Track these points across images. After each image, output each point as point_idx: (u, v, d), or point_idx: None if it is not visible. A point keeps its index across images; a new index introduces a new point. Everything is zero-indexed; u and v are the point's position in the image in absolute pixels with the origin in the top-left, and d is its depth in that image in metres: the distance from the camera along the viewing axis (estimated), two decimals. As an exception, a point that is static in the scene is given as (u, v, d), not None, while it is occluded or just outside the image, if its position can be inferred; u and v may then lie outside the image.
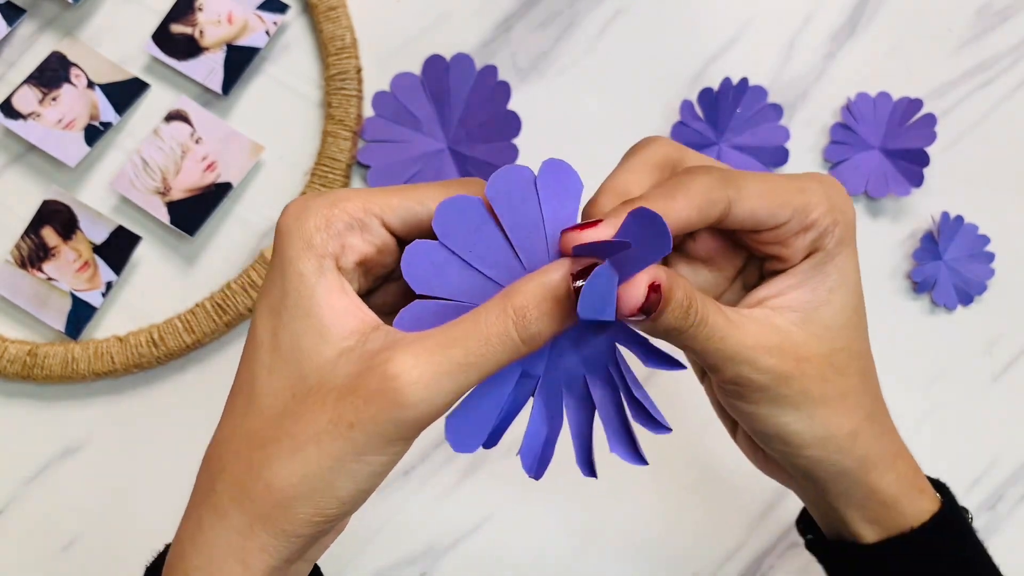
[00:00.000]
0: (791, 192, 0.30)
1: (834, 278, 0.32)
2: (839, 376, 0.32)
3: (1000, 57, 0.58)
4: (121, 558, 0.53)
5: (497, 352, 0.27)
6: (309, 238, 0.28)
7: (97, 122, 0.53)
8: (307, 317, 0.27)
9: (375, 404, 0.26)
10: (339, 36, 0.54)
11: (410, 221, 0.29)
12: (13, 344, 0.52)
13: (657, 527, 0.54)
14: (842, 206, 0.31)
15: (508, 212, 0.28)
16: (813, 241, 0.31)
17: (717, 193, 0.29)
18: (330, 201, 0.28)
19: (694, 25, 0.57)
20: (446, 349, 0.26)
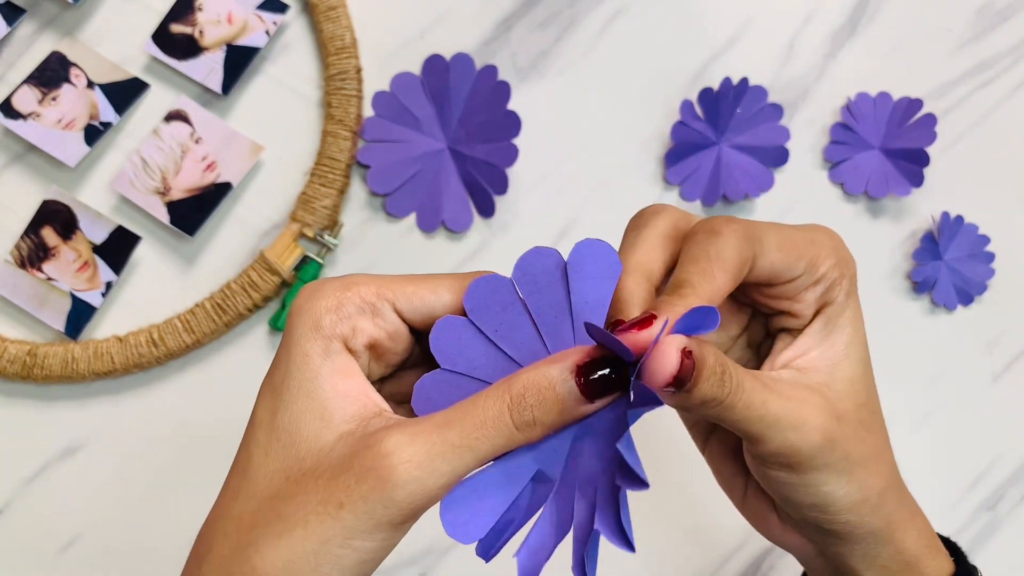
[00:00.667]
0: (804, 244, 0.30)
1: (848, 332, 0.31)
2: (868, 434, 0.31)
3: (1000, 57, 0.58)
4: (121, 558, 0.53)
5: (492, 436, 0.26)
6: (318, 319, 0.27)
7: (97, 122, 0.53)
8: (308, 398, 0.27)
9: (366, 482, 0.25)
10: (339, 36, 0.54)
11: (422, 310, 0.29)
12: (13, 344, 0.52)
13: (657, 527, 0.54)
14: (847, 258, 0.31)
15: (534, 294, 0.28)
16: (822, 295, 0.31)
17: (746, 253, 0.29)
18: (345, 284, 0.28)
19: (694, 25, 0.57)
20: (442, 430, 0.26)
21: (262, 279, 0.52)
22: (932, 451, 0.56)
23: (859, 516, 0.31)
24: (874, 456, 0.31)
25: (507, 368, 0.28)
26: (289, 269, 0.53)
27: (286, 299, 0.53)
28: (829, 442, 0.29)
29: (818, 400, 0.30)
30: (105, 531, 0.53)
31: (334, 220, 0.54)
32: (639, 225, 0.31)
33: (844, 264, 0.31)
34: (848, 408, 0.31)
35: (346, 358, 0.28)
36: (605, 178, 0.56)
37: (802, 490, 0.31)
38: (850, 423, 0.31)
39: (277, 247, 0.53)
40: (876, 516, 0.32)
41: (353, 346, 0.28)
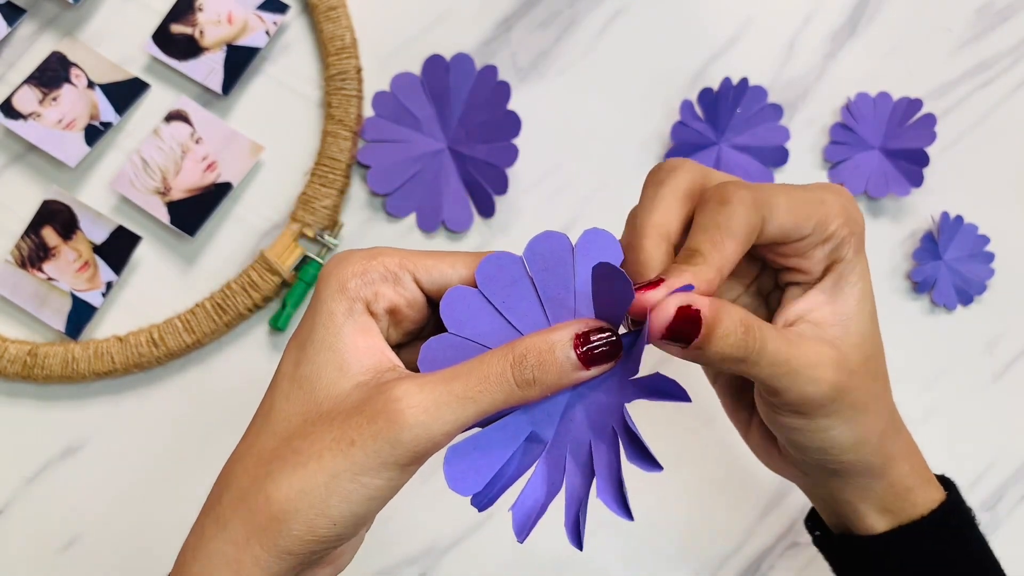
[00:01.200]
0: (812, 204, 0.32)
1: (859, 288, 0.33)
2: (874, 381, 0.33)
3: (1000, 57, 0.58)
4: (121, 558, 0.53)
5: (493, 390, 0.28)
6: (344, 282, 0.30)
7: (97, 122, 0.53)
8: (330, 351, 0.29)
9: (376, 423, 0.27)
10: (339, 36, 0.54)
11: (440, 281, 0.31)
12: (13, 344, 0.52)
13: (657, 527, 0.54)
14: (855, 216, 0.33)
15: (541, 272, 0.30)
16: (831, 252, 0.32)
17: (755, 220, 0.31)
18: (371, 254, 0.31)
19: (694, 25, 0.57)
20: (448, 381, 0.28)
21: (262, 279, 0.52)
22: (932, 451, 0.56)
23: (859, 455, 0.34)
24: (875, 400, 0.33)
25: (510, 337, 0.30)
26: (289, 269, 0.53)
27: (286, 299, 0.53)
28: (840, 392, 0.31)
29: (834, 354, 0.32)
30: (105, 531, 0.53)
31: (334, 220, 0.54)
32: (657, 182, 0.33)
33: (853, 222, 0.32)
34: (858, 360, 0.32)
35: (367, 318, 0.30)
36: (605, 178, 0.56)
37: (809, 435, 0.33)
38: (859, 374, 0.32)
39: (277, 247, 0.53)
40: (875, 454, 0.34)
41: (375, 309, 0.30)
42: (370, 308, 0.30)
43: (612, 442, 0.32)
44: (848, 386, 0.32)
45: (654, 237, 0.31)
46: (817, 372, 0.31)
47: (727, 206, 0.30)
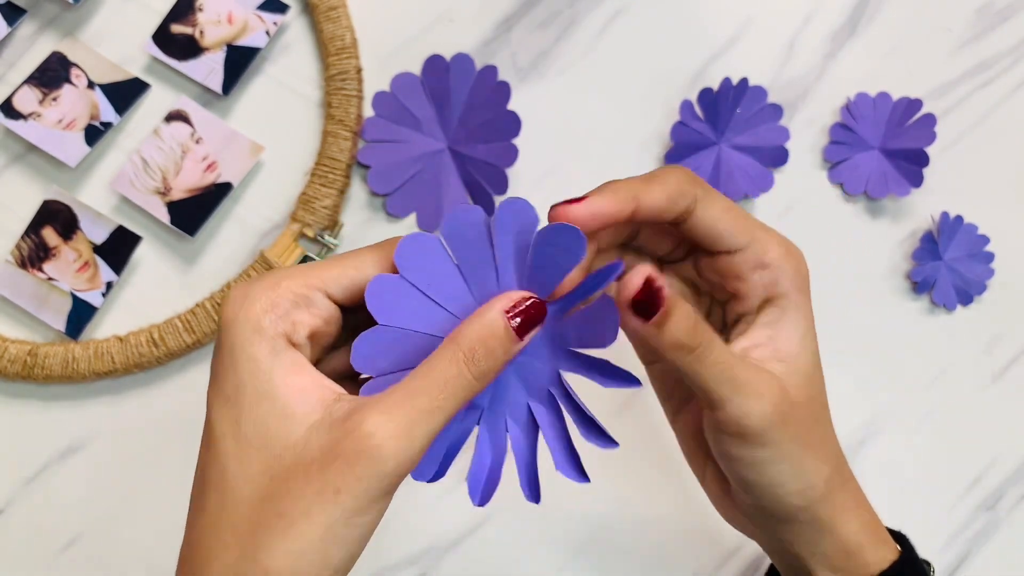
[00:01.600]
0: (753, 225, 0.32)
1: (803, 326, 0.33)
2: (816, 424, 0.33)
3: (1000, 57, 0.58)
4: (121, 558, 0.53)
5: (456, 393, 0.28)
6: (257, 323, 0.28)
7: (97, 122, 0.53)
8: (269, 400, 0.28)
9: (358, 465, 0.26)
10: (339, 36, 0.54)
11: (351, 288, 0.30)
12: (13, 344, 0.52)
13: (657, 527, 0.54)
14: (799, 257, 0.33)
15: (460, 249, 0.30)
16: (770, 283, 0.33)
17: (687, 187, 0.31)
18: (271, 283, 0.29)
19: (694, 25, 0.57)
20: (411, 400, 0.28)
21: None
22: (931, 451, 0.56)
23: (805, 500, 0.33)
24: (820, 444, 0.33)
25: (442, 319, 0.30)
26: (289, 269, 0.53)
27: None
28: (783, 418, 0.31)
29: (777, 382, 0.32)
30: (105, 531, 0.53)
31: (334, 220, 0.54)
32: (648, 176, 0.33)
33: (796, 260, 0.33)
34: (802, 398, 0.32)
35: (293, 353, 0.29)
36: (605, 178, 0.56)
37: (753, 468, 0.33)
38: (802, 411, 0.32)
39: (277, 247, 0.53)
40: (820, 504, 0.33)
41: (296, 340, 0.29)
42: (291, 340, 0.29)
43: (551, 405, 0.32)
44: (791, 417, 0.31)
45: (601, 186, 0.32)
46: (760, 388, 0.31)
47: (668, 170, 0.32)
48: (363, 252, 0.31)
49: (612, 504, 0.54)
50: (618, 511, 0.54)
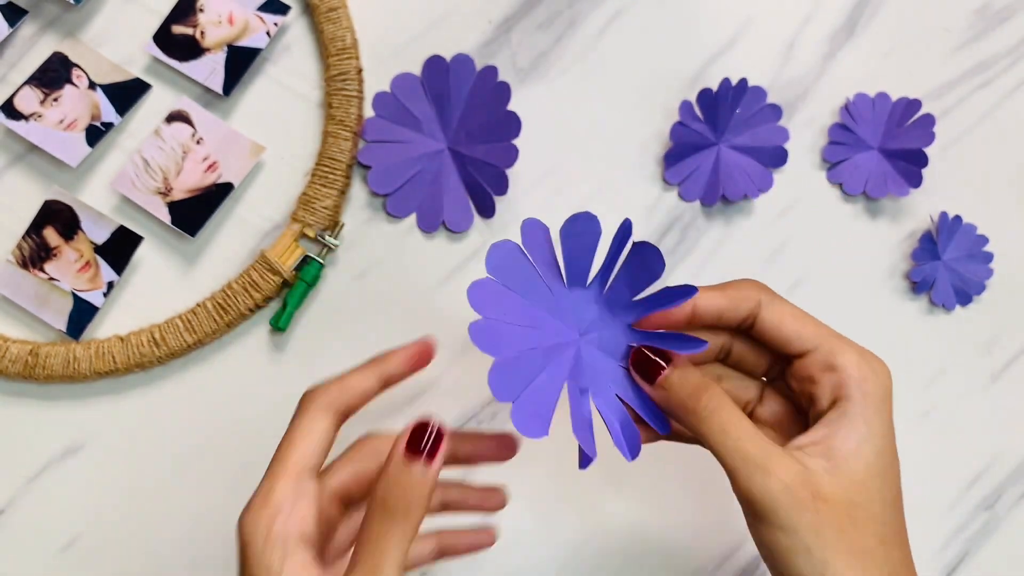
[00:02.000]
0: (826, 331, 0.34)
1: (862, 432, 0.33)
2: (856, 531, 0.31)
3: (999, 57, 0.58)
4: (121, 558, 0.53)
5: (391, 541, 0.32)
6: (268, 531, 0.33)
7: (98, 122, 0.53)
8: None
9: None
10: (340, 37, 0.54)
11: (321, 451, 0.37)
12: (15, 344, 0.52)
13: (657, 527, 0.54)
14: (875, 368, 0.34)
15: (510, 278, 0.36)
16: (837, 385, 0.33)
17: (752, 292, 0.34)
18: (266, 491, 0.34)
19: (694, 25, 0.57)
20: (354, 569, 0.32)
21: (263, 279, 0.52)
22: (931, 451, 0.56)
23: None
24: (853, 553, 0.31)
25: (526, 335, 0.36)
26: (290, 269, 0.53)
27: (287, 299, 0.53)
28: (797, 503, 0.31)
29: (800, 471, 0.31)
30: (106, 531, 0.53)
31: (335, 220, 0.54)
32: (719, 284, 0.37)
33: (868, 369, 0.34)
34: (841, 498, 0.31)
35: (300, 556, 0.33)
36: (605, 178, 0.56)
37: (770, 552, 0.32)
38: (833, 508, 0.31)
39: (278, 247, 0.53)
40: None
41: (307, 531, 0.34)
42: (303, 536, 0.33)
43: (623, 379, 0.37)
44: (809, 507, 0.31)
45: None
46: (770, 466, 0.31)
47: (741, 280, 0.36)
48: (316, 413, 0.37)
49: (613, 504, 0.54)
50: (618, 511, 0.54)
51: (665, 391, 0.33)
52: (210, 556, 0.53)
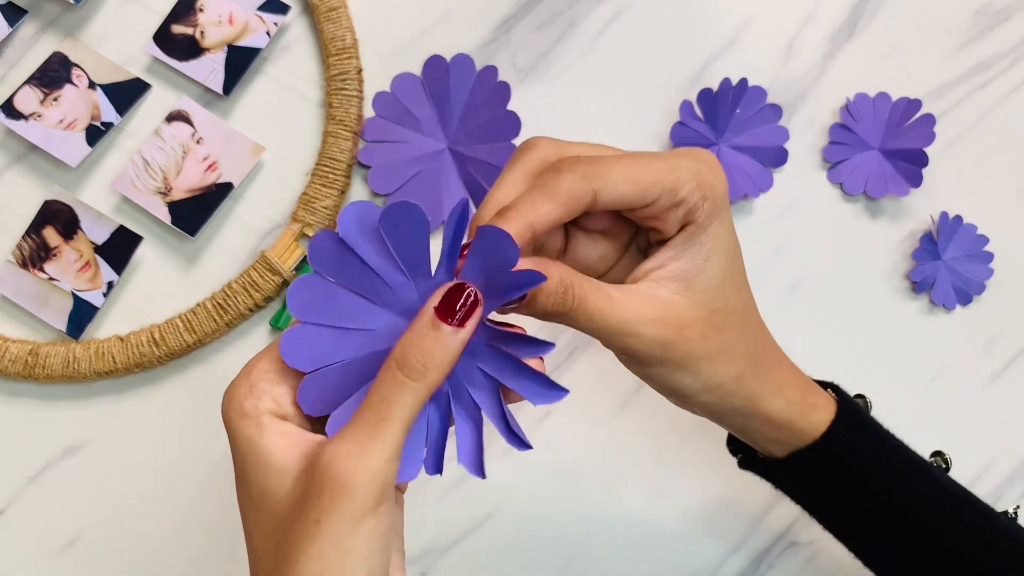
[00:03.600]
0: (659, 173, 0.34)
1: (708, 247, 0.35)
2: (718, 333, 0.35)
3: (999, 57, 0.58)
4: (121, 558, 0.53)
5: (399, 399, 0.30)
6: (240, 408, 0.31)
7: (98, 122, 0.53)
8: (265, 468, 0.31)
9: (324, 494, 0.29)
10: (340, 37, 0.54)
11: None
12: (15, 344, 0.52)
13: (656, 527, 0.54)
14: (711, 181, 0.35)
15: (335, 272, 0.31)
16: (685, 215, 0.34)
17: (580, 189, 0.33)
18: (246, 371, 0.32)
19: (694, 25, 0.57)
20: (358, 419, 0.30)
21: (263, 279, 0.52)
22: (931, 450, 0.56)
23: (715, 397, 0.37)
24: (721, 351, 0.36)
25: (360, 340, 0.32)
26: (290, 269, 0.53)
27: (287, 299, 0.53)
28: (663, 346, 0.34)
29: (658, 312, 0.34)
30: (105, 531, 0.53)
31: (335, 220, 0.54)
32: (513, 159, 0.35)
33: (707, 187, 0.34)
34: (699, 314, 0.35)
35: (277, 424, 0.31)
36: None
37: (653, 380, 0.36)
38: (695, 328, 0.35)
39: (278, 247, 0.53)
40: (733, 396, 0.37)
41: (283, 411, 0.32)
42: (278, 413, 0.31)
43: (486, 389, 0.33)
44: (677, 342, 0.34)
45: (492, 211, 0.33)
46: (635, 328, 0.33)
47: (558, 174, 0.33)
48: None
49: (612, 504, 0.54)
50: (618, 511, 0.54)
51: (533, 310, 0.32)
52: (210, 556, 0.53)
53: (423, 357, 0.30)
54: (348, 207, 0.31)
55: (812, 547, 0.55)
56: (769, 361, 0.38)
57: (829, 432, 0.39)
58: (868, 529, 0.41)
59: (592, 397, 0.54)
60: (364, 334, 0.32)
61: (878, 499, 0.40)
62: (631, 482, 0.54)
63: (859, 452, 0.40)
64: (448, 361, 0.31)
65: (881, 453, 0.40)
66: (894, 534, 0.40)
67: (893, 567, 0.42)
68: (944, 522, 0.40)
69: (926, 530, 0.40)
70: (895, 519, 0.40)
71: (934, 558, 0.40)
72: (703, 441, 0.54)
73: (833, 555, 0.54)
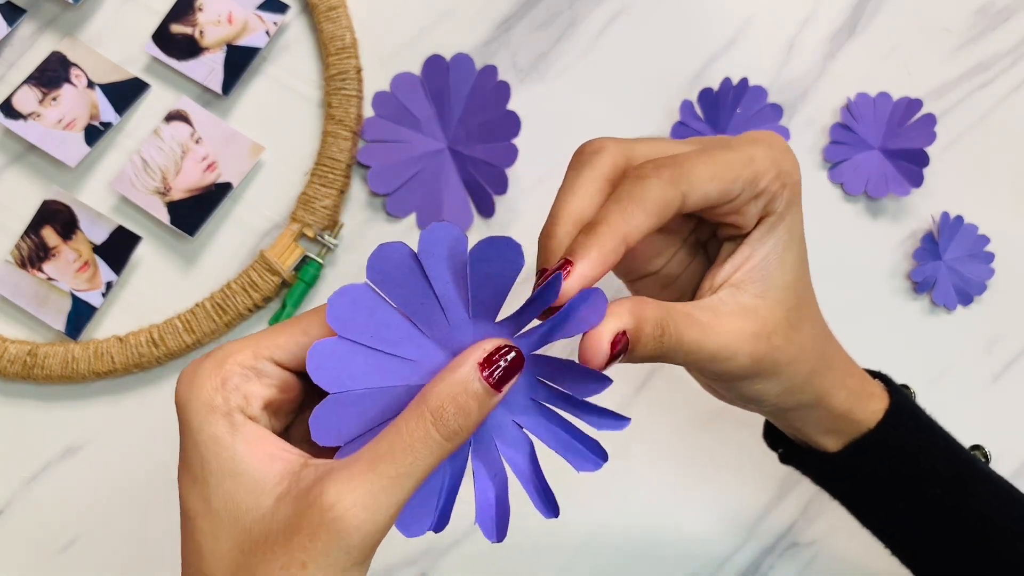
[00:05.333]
0: (740, 166, 0.32)
1: (785, 238, 0.34)
2: (797, 332, 0.34)
3: (999, 57, 0.58)
4: (121, 558, 0.53)
5: (424, 456, 0.27)
6: (209, 401, 0.28)
7: (97, 122, 0.53)
8: (235, 476, 0.28)
9: (320, 538, 0.26)
10: (339, 36, 0.54)
11: (300, 354, 0.29)
12: (13, 344, 0.52)
13: (657, 527, 0.54)
14: (789, 168, 0.33)
15: (394, 290, 0.28)
16: (765, 206, 0.33)
17: (671, 195, 0.30)
18: (218, 360, 0.29)
19: (694, 25, 0.57)
20: (376, 466, 0.26)
21: (262, 279, 0.52)
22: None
23: (789, 397, 0.35)
24: (800, 351, 0.34)
25: (400, 368, 0.29)
26: (289, 269, 0.53)
27: (286, 299, 0.53)
28: (758, 362, 0.33)
29: (750, 328, 0.32)
30: (105, 531, 0.53)
31: (334, 220, 0.54)
32: (579, 164, 0.33)
33: (785, 175, 0.33)
34: (779, 317, 0.33)
35: (252, 426, 0.28)
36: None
37: (736, 390, 0.35)
38: (779, 334, 0.33)
39: (277, 247, 0.53)
40: (803, 394, 0.36)
41: (251, 412, 0.29)
42: (247, 413, 0.29)
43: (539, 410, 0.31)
44: (767, 353, 0.33)
45: (568, 224, 0.31)
46: (733, 350, 0.32)
47: (643, 181, 0.30)
48: (309, 315, 0.30)
49: (612, 504, 0.54)
50: (618, 511, 0.54)
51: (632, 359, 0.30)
52: (209, 557, 0.52)
53: (461, 417, 0.27)
54: (434, 227, 0.28)
55: (813, 548, 0.54)
56: (832, 351, 0.37)
57: (884, 421, 0.38)
58: (912, 524, 0.40)
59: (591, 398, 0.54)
60: (401, 363, 0.29)
61: (927, 493, 0.39)
62: (631, 483, 0.54)
63: (911, 442, 0.39)
64: (479, 423, 0.28)
65: (931, 444, 0.40)
66: (939, 528, 0.40)
67: (930, 561, 0.41)
68: (995, 513, 0.39)
69: (976, 524, 0.39)
70: (942, 513, 0.39)
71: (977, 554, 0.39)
72: (704, 441, 0.54)
73: (834, 555, 0.54)
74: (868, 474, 0.39)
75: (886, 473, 0.39)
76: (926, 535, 0.40)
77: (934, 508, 0.39)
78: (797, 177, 0.33)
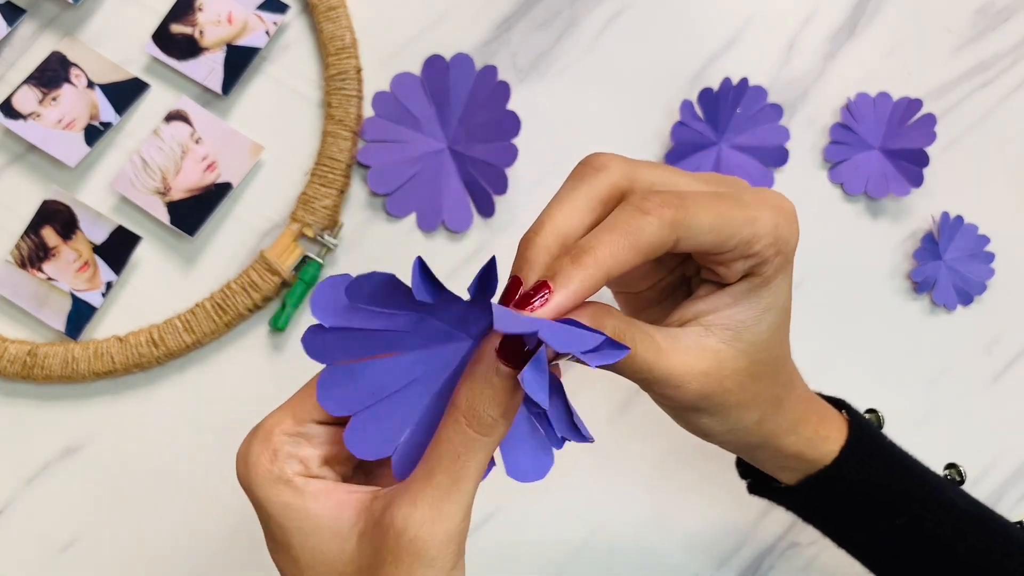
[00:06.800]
0: (740, 224, 0.31)
1: (767, 300, 0.33)
2: (754, 383, 0.34)
3: (1000, 57, 0.58)
4: (121, 558, 0.53)
5: (472, 456, 0.28)
6: (268, 475, 0.29)
7: (97, 122, 0.53)
8: (315, 532, 0.29)
9: (404, 560, 0.27)
10: (339, 36, 0.54)
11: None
12: (13, 344, 0.52)
13: (657, 527, 0.54)
14: (787, 237, 0.33)
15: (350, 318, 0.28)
16: (753, 267, 0.33)
17: (666, 237, 0.30)
18: (264, 435, 0.30)
19: (694, 25, 0.57)
20: (430, 480, 0.28)
21: (262, 279, 0.52)
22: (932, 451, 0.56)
23: (734, 436, 0.36)
24: (752, 398, 0.35)
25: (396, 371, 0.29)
26: (289, 269, 0.53)
27: (286, 299, 0.53)
28: (705, 398, 0.33)
29: (703, 366, 0.33)
30: (105, 531, 0.53)
31: (334, 220, 0.54)
32: (579, 177, 0.32)
33: (781, 242, 0.33)
34: (742, 364, 0.34)
35: (315, 483, 0.30)
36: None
37: (680, 419, 0.36)
38: (734, 378, 0.34)
39: (277, 247, 0.53)
40: (751, 436, 0.36)
41: (314, 473, 0.30)
42: (310, 474, 0.30)
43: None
44: (715, 392, 0.33)
45: (550, 236, 0.30)
46: (681, 380, 0.32)
47: (644, 216, 0.29)
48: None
49: (613, 504, 0.54)
50: (619, 511, 0.54)
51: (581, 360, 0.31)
52: (209, 556, 0.52)
53: (492, 408, 0.28)
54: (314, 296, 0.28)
55: (813, 548, 0.54)
56: (791, 400, 0.38)
57: (838, 460, 0.39)
58: (880, 550, 0.41)
59: (591, 399, 0.54)
60: (400, 363, 0.29)
61: (889, 522, 0.40)
62: (630, 483, 0.54)
63: (868, 477, 0.39)
64: (517, 405, 0.28)
65: (890, 478, 0.40)
66: (908, 555, 0.40)
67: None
68: (957, 542, 0.40)
69: (939, 552, 0.40)
70: (907, 541, 0.40)
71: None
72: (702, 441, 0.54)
73: (834, 555, 0.54)
74: (826, 506, 0.41)
75: (844, 506, 0.40)
76: (892, 561, 0.41)
77: (895, 537, 0.40)
78: (793, 245, 0.33)
